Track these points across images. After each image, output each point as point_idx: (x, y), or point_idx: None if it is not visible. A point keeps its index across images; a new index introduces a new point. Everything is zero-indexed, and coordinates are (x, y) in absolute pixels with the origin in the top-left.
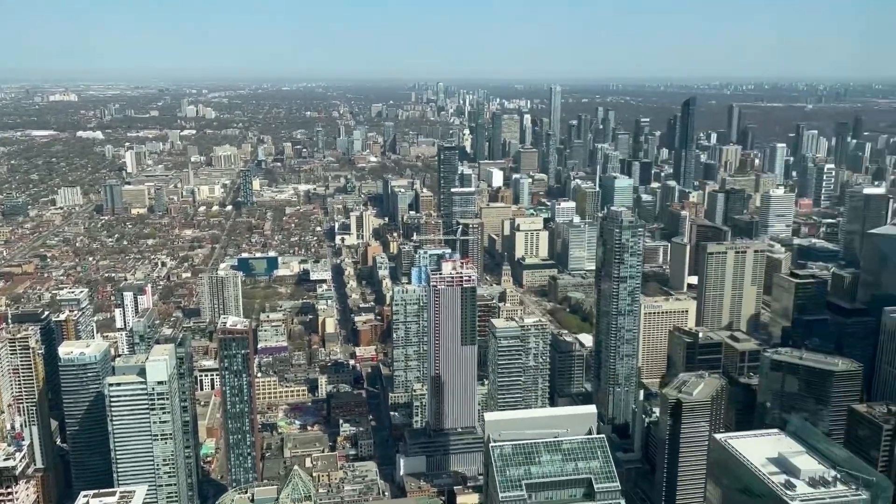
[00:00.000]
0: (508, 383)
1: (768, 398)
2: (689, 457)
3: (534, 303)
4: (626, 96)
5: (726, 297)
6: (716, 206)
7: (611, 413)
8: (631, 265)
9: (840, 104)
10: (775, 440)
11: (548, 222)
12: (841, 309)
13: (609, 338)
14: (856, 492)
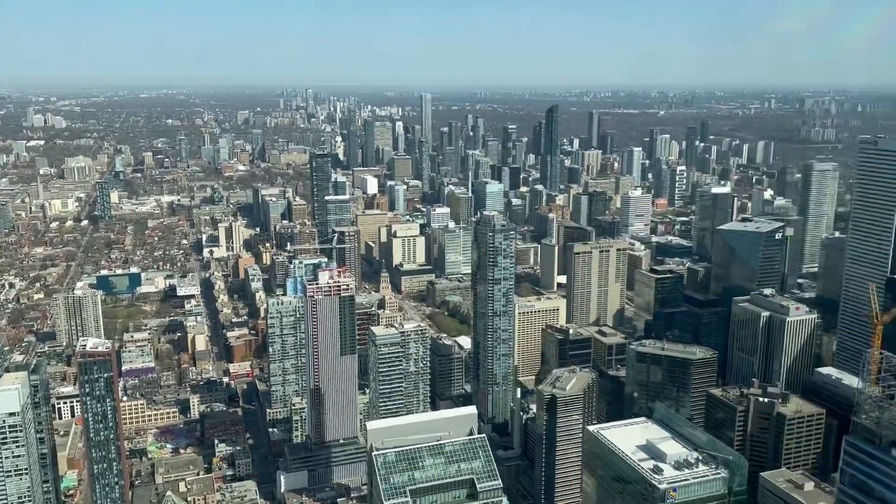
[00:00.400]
0: (390, 390)
1: (635, 388)
2: (566, 450)
3: (413, 308)
4: (494, 104)
5: (593, 294)
6: (580, 207)
7: (490, 412)
8: (504, 267)
9: (688, 110)
10: (643, 428)
11: (424, 228)
12: (696, 301)
13: (486, 339)
14: (716, 471)
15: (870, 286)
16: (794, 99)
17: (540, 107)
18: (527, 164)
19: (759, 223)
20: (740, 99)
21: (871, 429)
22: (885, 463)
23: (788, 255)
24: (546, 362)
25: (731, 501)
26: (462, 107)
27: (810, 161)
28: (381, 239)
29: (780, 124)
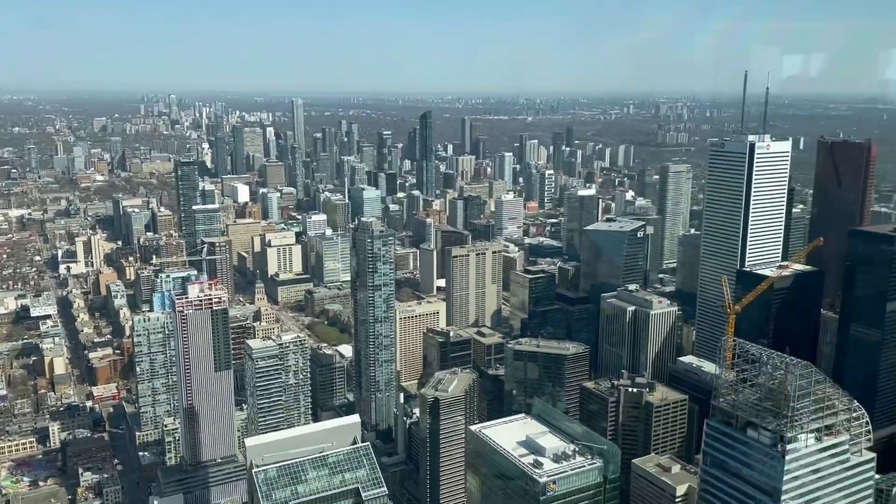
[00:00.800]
0: (269, 405)
1: (514, 386)
2: (449, 451)
3: (291, 319)
4: (368, 109)
5: (471, 296)
6: (456, 212)
7: (374, 420)
8: (384, 273)
9: (554, 116)
10: (523, 424)
11: (300, 236)
12: (568, 299)
13: (368, 346)
14: (592, 461)
15: (723, 279)
16: (650, 105)
17: (413, 113)
18: (403, 170)
19: (622, 223)
20: (602, 105)
21: (728, 411)
22: (741, 442)
23: (650, 251)
24: (428, 366)
25: (606, 489)
26: (335, 112)
27: (666, 163)
28: (254, 249)
29: (638, 129)
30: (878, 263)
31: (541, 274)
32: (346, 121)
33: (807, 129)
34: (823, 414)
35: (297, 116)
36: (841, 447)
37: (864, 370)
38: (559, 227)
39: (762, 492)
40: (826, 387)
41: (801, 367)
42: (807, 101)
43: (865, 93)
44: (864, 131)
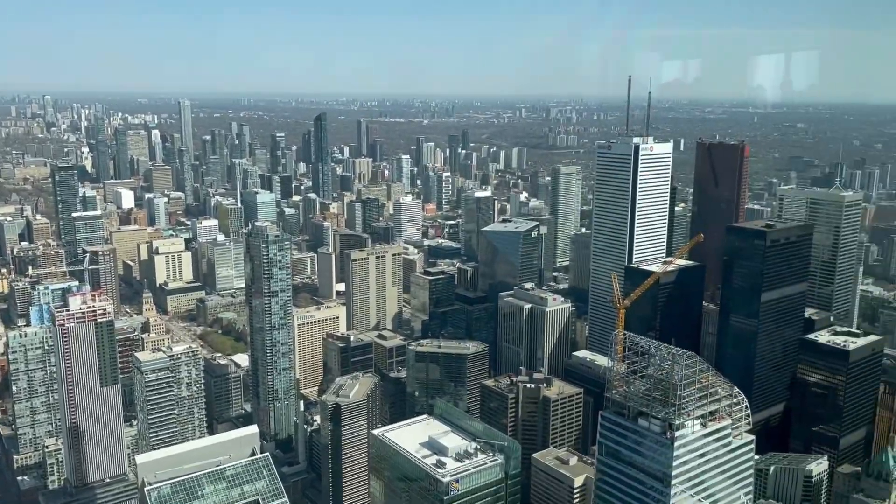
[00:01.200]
0: (161, 419)
1: (416, 387)
2: (352, 457)
3: (182, 329)
4: (259, 111)
5: (372, 299)
6: (355, 215)
7: (273, 429)
8: (280, 279)
9: (450, 119)
10: (425, 425)
11: (189, 243)
12: (467, 299)
13: (265, 354)
14: (493, 458)
15: (612, 275)
16: (541, 108)
17: (307, 114)
18: (298, 173)
19: (517, 223)
20: (495, 108)
21: (620, 402)
22: (633, 431)
23: (544, 251)
24: (329, 371)
25: (508, 484)
26: (225, 114)
27: (557, 165)
28: (141, 257)
29: (530, 132)
30: (752, 257)
31: (440, 275)
32: (237, 122)
33: (686, 132)
34: (707, 401)
35: (184, 118)
36: (724, 431)
37: (742, 358)
38: (457, 228)
39: (654, 478)
40: (709, 375)
41: (686, 358)
42: (686, 104)
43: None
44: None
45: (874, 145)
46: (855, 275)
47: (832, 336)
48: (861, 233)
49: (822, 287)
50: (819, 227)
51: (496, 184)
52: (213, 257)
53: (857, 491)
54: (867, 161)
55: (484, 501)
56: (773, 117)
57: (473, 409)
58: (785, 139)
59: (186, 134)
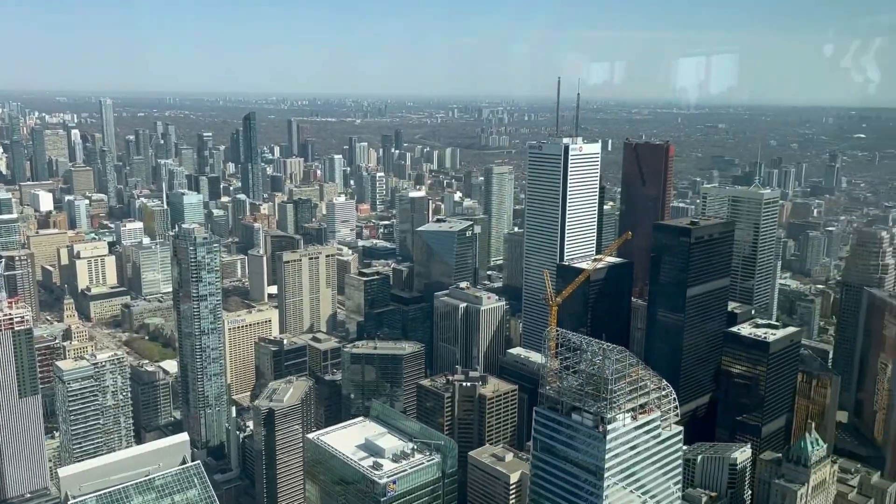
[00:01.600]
0: (85, 430)
1: (352, 390)
2: (287, 462)
3: (107, 336)
4: (186, 110)
5: (305, 301)
6: (286, 216)
7: (205, 437)
8: (210, 282)
9: (383, 119)
10: (361, 427)
11: (113, 246)
12: (402, 299)
13: (194, 360)
14: (430, 457)
15: (544, 273)
16: (473, 109)
17: (236, 114)
18: (226, 173)
19: (451, 223)
20: (428, 108)
21: (554, 398)
22: (566, 426)
23: (478, 250)
24: (261, 376)
25: (445, 483)
26: (149, 113)
27: (490, 165)
28: (61, 261)
29: (463, 132)
30: (677, 254)
31: (375, 276)
32: (162, 122)
33: (614, 132)
34: (637, 394)
35: (106, 117)
36: (653, 423)
37: (669, 351)
38: (392, 228)
39: (587, 471)
40: (639, 369)
41: (616, 353)
42: (613, 105)
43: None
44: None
45: (790, 145)
46: (774, 269)
47: (753, 328)
48: (779, 229)
49: (744, 281)
50: (740, 224)
51: (430, 184)
52: (138, 261)
53: (779, 476)
54: (783, 160)
55: (421, 501)
56: (695, 118)
57: (410, 410)
58: (707, 139)
59: (108, 134)
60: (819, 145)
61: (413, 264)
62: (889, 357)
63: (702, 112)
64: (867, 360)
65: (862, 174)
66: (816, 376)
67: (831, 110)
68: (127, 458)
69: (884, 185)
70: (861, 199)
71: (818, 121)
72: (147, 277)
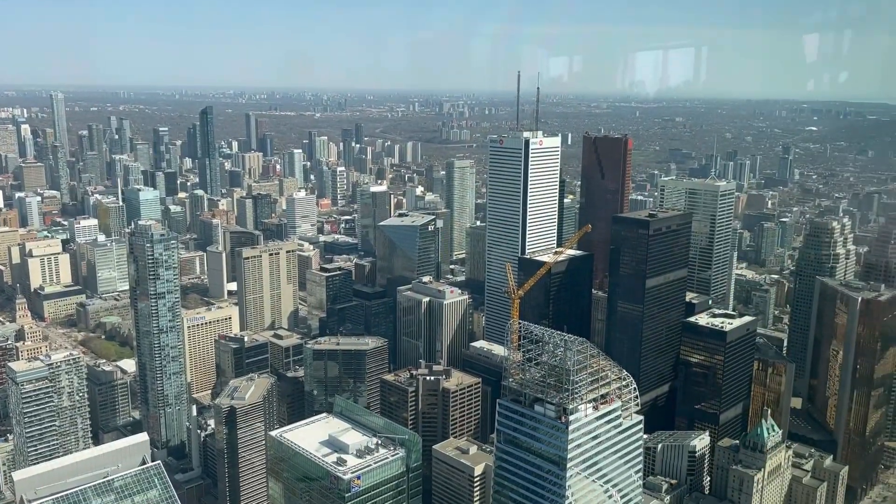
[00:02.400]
0: (40, 432)
1: (315, 386)
2: (249, 460)
3: (62, 335)
4: (140, 105)
5: (266, 298)
6: (245, 212)
7: (165, 436)
8: (167, 279)
9: (343, 113)
10: (325, 424)
11: (67, 244)
12: (365, 294)
13: (153, 359)
14: (394, 452)
15: (506, 266)
16: (434, 102)
17: (192, 108)
18: (183, 169)
19: (413, 217)
20: (388, 102)
21: (517, 390)
22: (529, 417)
23: (440, 244)
24: (222, 374)
25: (409, 477)
26: (103, 107)
27: (452, 159)
28: (12, 260)
29: (424, 126)
30: (636, 246)
31: (337, 271)
32: (117, 116)
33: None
34: (598, 384)
35: (57, 112)
36: (614, 413)
37: (629, 342)
38: (353, 223)
39: (550, 462)
40: (600, 360)
41: (577, 344)
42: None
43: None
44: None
45: (745, 138)
46: (730, 260)
47: (711, 318)
48: (734, 220)
49: (701, 272)
50: (697, 216)
51: (392, 178)
52: (93, 259)
53: (736, 462)
54: (738, 153)
55: (386, 496)
56: (653, 112)
57: (374, 405)
58: (664, 132)
59: (60, 129)
60: (772, 138)
61: (375, 259)
62: (840, 344)
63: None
64: (820, 348)
65: (814, 166)
66: (772, 364)
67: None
68: (84, 459)
69: (834, 176)
70: (813, 190)
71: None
72: (103, 275)
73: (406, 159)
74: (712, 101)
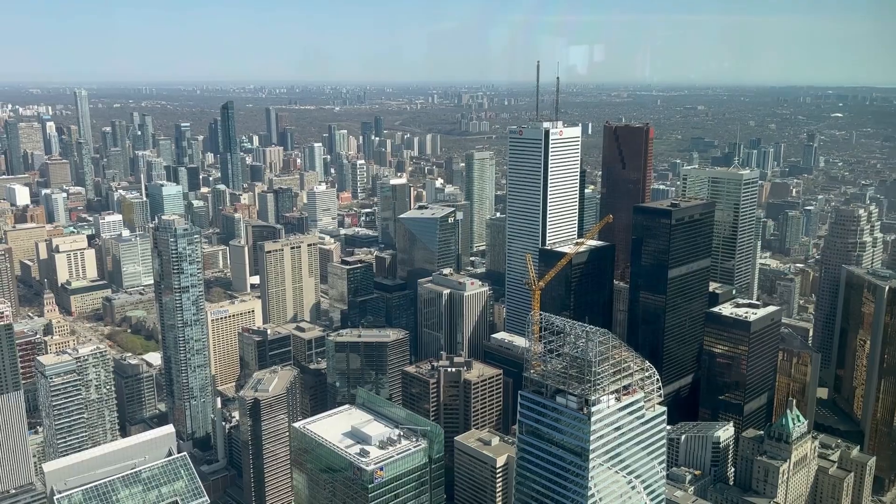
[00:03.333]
0: (69, 424)
1: (337, 378)
2: (273, 451)
3: (88, 330)
4: (162, 101)
5: (288, 291)
6: (267, 206)
7: (190, 428)
8: (191, 273)
9: (362, 106)
10: (347, 415)
11: (93, 239)
12: (386, 287)
13: (178, 352)
14: (416, 443)
15: (527, 257)
16: (453, 94)
17: (213, 103)
18: (205, 164)
19: (433, 209)
20: (407, 95)
21: (539, 381)
22: (552, 409)
23: (460, 236)
24: (246, 367)
25: (432, 469)
26: (125, 104)
27: (471, 151)
28: (40, 255)
29: (443, 118)
30: (658, 236)
31: (358, 264)
32: (139, 113)
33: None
34: (621, 376)
35: (81, 109)
36: (637, 404)
37: (652, 332)
38: (374, 216)
39: (573, 453)
40: (622, 350)
41: (599, 335)
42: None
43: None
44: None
45: (768, 125)
46: (754, 249)
47: (735, 308)
48: (758, 209)
49: (725, 262)
50: (720, 205)
51: (411, 170)
52: (118, 254)
53: (761, 453)
54: (762, 140)
55: (409, 487)
56: (675, 100)
57: (395, 396)
58: (686, 121)
59: (84, 126)
60: (797, 125)
61: (396, 252)
62: (867, 334)
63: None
64: (846, 337)
65: (839, 153)
66: (797, 354)
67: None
68: (112, 451)
69: (860, 163)
70: (838, 177)
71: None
72: (128, 270)
73: (425, 152)
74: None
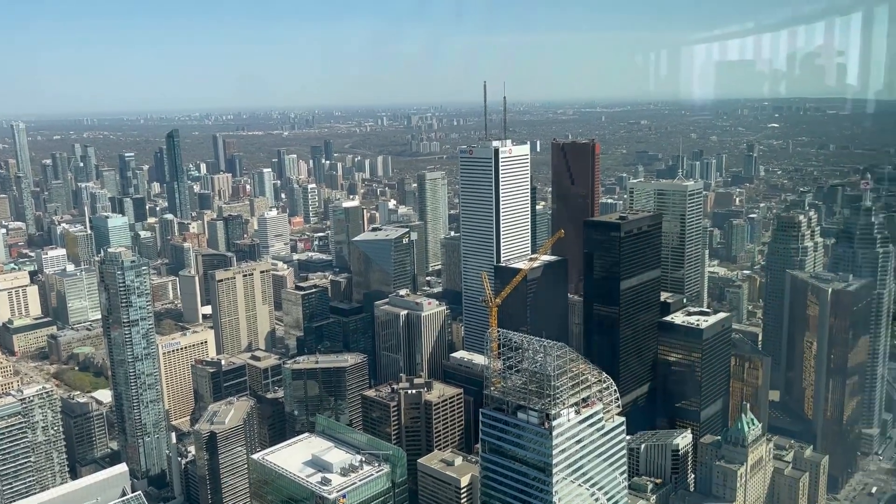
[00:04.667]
0: (15, 469)
1: (295, 406)
2: (232, 484)
3: (33, 369)
4: (105, 131)
5: (241, 320)
6: (217, 234)
7: (144, 466)
8: (140, 306)
9: (311, 129)
10: (307, 444)
11: (35, 275)
12: (342, 311)
13: (129, 388)
14: (379, 468)
15: (483, 275)
16: (402, 116)
17: (158, 132)
18: (152, 194)
19: (387, 231)
20: (356, 117)
21: (499, 398)
22: (513, 425)
23: (415, 256)
24: (200, 399)
25: (395, 493)
26: (66, 135)
27: (422, 172)
28: None
29: (393, 139)
30: (609, 248)
31: (313, 289)
32: (81, 144)
33: (541, 133)
34: (579, 388)
35: (19, 142)
36: (597, 416)
37: (607, 344)
38: (327, 240)
39: (536, 468)
40: (579, 363)
41: (556, 349)
42: (539, 107)
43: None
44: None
45: (710, 137)
46: (702, 258)
47: (686, 317)
48: (704, 219)
49: (674, 271)
50: (667, 216)
51: (363, 193)
52: (62, 289)
53: (719, 458)
54: (704, 152)
55: None
56: (618, 116)
57: (356, 422)
58: (630, 136)
59: (23, 159)
60: (737, 136)
61: (351, 275)
62: (813, 335)
63: (624, 109)
64: (794, 340)
65: (778, 162)
66: (748, 359)
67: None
68: (62, 495)
69: (798, 171)
70: (778, 185)
71: (734, 113)
72: (73, 306)
73: (377, 173)
74: (676, 103)
